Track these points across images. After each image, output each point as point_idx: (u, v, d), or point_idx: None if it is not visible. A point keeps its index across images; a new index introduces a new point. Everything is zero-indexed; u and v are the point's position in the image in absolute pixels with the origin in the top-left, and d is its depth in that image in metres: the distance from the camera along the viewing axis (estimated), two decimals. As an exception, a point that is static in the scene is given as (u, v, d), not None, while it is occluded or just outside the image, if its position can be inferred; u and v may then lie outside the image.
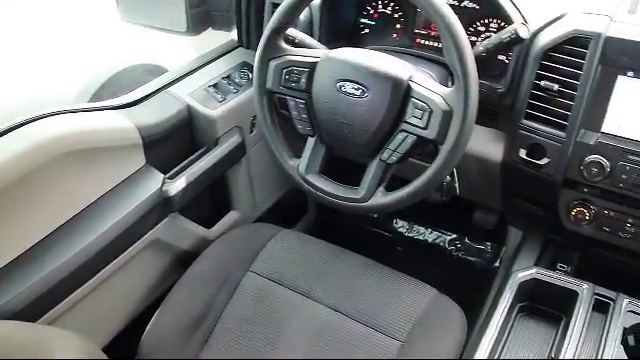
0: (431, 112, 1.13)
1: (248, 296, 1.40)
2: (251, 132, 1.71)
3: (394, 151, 1.19)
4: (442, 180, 1.20)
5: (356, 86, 1.19)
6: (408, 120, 1.16)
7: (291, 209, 2.11)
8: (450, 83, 1.32)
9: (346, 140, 1.23)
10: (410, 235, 2.25)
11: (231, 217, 1.78)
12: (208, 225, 1.69)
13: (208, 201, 1.77)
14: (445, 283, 1.51)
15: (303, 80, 1.26)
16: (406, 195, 1.20)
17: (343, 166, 1.43)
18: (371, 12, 1.59)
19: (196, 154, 1.59)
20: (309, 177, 1.30)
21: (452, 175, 1.39)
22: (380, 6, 1.58)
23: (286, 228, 1.59)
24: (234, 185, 1.75)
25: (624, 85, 1.22)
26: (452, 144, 1.12)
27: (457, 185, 1.42)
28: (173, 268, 1.58)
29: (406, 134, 1.17)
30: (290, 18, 1.25)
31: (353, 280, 1.41)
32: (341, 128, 1.22)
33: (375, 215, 2.28)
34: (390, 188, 1.25)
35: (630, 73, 1.21)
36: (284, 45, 1.29)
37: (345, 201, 1.26)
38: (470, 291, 1.70)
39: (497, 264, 2.07)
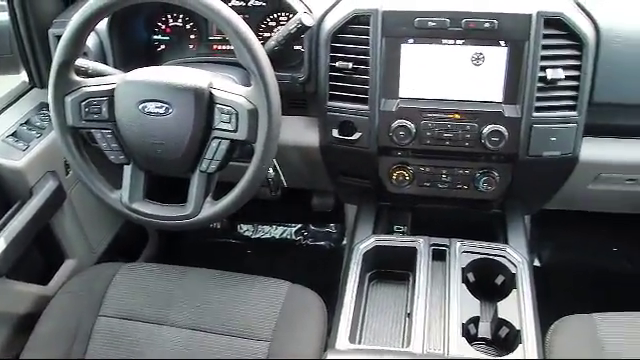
0: (237, 114, 1.15)
1: (104, 342, 1.33)
2: (67, 174, 1.62)
3: (212, 160, 1.19)
4: (264, 176, 1.22)
5: (159, 104, 1.17)
6: (218, 127, 1.17)
7: (131, 242, 2.04)
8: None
9: (162, 160, 1.21)
10: (257, 236, 2.27)
11: (67, 267, 1.68)
12: (43, 281, 1.58)
13: (38, 256, 1.65)
14: (301, 273, 1.54)
15: (104, 109, 1.22)
16: (234, 199, 1.21)
17: (172, 185, 1.40)
18: (163, 28, 1.58)
19: (10, 211, 1.47)
20: (134, 205, 1.27)
21: (275, 169, 1.42)
22: (170, 20, 1.57)
23: (131, 262, 1.53)
24: (62, 232, 1.65)
25: (409, 52, 1.33)
26: (264, 140, 1.15)
27: (283, 178, 1.45)
28: (14, 338, 1.46)
29: (219, 140, 1.18)
30: (75, 49, 1.20)
31: (205, 295, 1.39)
32: (154, 149, 1.20)
33: (218, 226, 2.27)
34: (219, 196, 1.25)
35: (411, 40, 1.32)
36: (76, 78, 1.23)
37: (176, 220, 1.25)
38: (325, 274, 1.76)
39: (344, 242, 2.15)
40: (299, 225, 2.26)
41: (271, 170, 1.40)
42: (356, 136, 1.38)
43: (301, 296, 1.40)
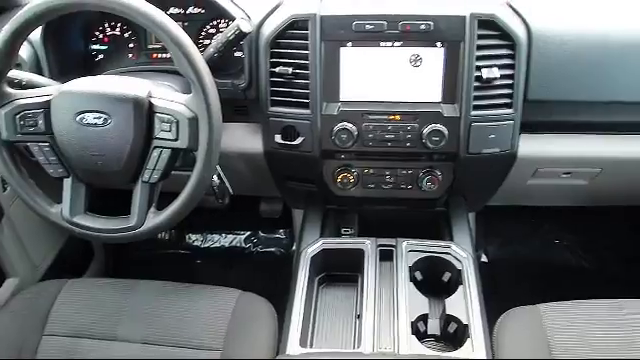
0: (178, 122, 1.14)
1: (51, 362, 1.30)
2: (4, 190, 1.58)
3: (154, 170, 1.18)
4: (208, 184, 1.21)
5: (97, 115, 1.15)
6: (158, 136, 1.16)
7: (76, 257, 1.99)
8: None
9: (102, 172, 1.19)
10: (206, 246, 2.25)
11: (9, 286, 1.63)
12: (-16, 302, 1.53)
13: (-23, 276, 1.60)
14: (252, 281, 1.54)
15: (40, 122, 1.19)
16: (178, 208, 1.20)
17: (115, 197, 1.38)
18: (100, 37, 1.55)
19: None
20: (76, 219, 1.24)
21: (220, 177, 1.41)
22: (108, 29, 1.54)
23: (78, 277, 1.50)
24: (1, 250, 1.60)
25: (348, 55, 1.34)
26: (206, 148, 1.14)
27: (228, 185, 1.44)
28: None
29: (160, 150, 1.16)
30: (7, 61, 1.16)
31: (154, 308, 1.37)
32: (94, 161, 1.18)
33: (166, 237, 2.25)
34: (163, 206, 1.23)
35: (349, 44, 1.33)
36: (10, 90, 1.20)
37: (119, 232, 1.22)
38: (277, 280, 1.75)
39: (294, 247, 2.15)
40: (248, 232, 2.25)
41: (216, 178, 1.39)
42: (299, 141, 1.39)
43: (251, 303, 1.39)
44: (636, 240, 2.20)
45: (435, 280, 1.41)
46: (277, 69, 1.35)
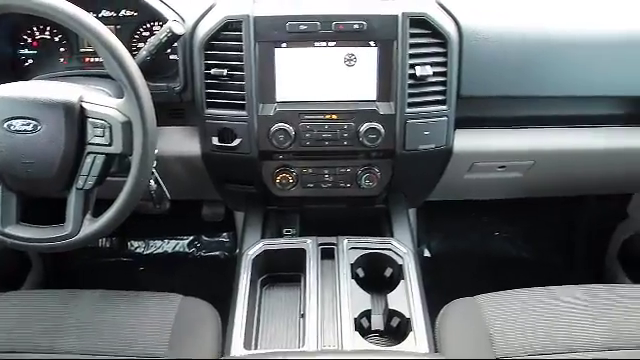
0: (111, 127, 1.12)
1: (-17, 381, 1.26)
2: None
3: (88, 176, 1.16)
4: (144, 189, 1.20)
5: (26, 121, 1.12)
6: (91, 141, 1.14)
7: (12, 269, 1.93)
8: None
9: (34, 180, 1.16)
10: (149, 252, 2.22)
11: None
12: None
13: None
14: (196, 285, 1.52)
15: None
16: (114, 215, 1.17)
17: (49, 205, 1.34)
18: (29, 41, 1.50)
19: None
20: (8, 230, 1.20)
21: (157, 182, 1.39)
22: (37, 33, 1.50)
23: (14, 290, 1.45)
24: None
25: (283, 56, 1.34)
26: (140, 152, 1.12)
27: (166, 190, 1.42)
28: None
29: (94, 155, 1.15)
30: None
31: (95, 317, 1.34)
32: (24, 169, 1.15)
33: (107, 245, 2.20)
34: (100, 213, 1.21)
35: (284, 44, 1.33)
36: None
37: (54, 241, 1.20)
38: (221, 284, 1.74)
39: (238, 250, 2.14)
40: (191, 237, 2.23)
41: (153, 183, 1.37)
42: (236, 142, 1.38)
43: (194, 308, 1.38)
44: (571, 229, 2.28)
45: (377, 276, 1.42)
46: (212, 71, 1.34)
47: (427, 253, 2.24)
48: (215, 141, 1.39)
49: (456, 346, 1.27)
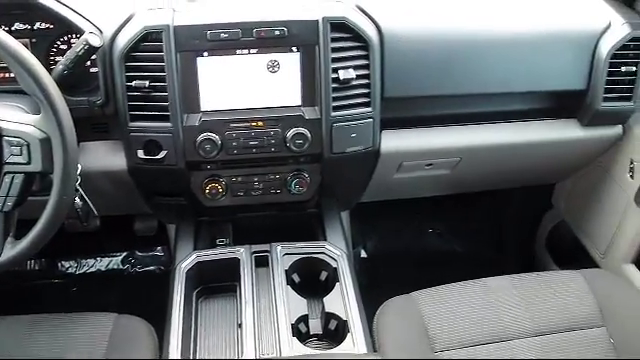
0: (29, 145, 1.08)
1: None
2: None
3: (7, 197, 1.11)
4: (67, 208, 1.16)
5: None
6: (8, 160, 1.10)
7: None
8: None
9: (-53, 203, 1.11)
10: (81, 272, 2.15)
11: None
12: None
13: None
14: (132, 302, 1.49)
15: None
16: (37, 235, 1.13)
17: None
18: None
19: None
20: None
21: (83, 198, 1.36)
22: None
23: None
24: None
25: (205, 65, 1.33)
26: (61, 169, 1.09)
27: (92, 207, 1.38)
28: None
29: (12, 175, 1.10)
30: None
31: (25, 344, 1.29)
32: None
33: (36, 267, 2.12)
34: (22, 234, 1.17)
35: (206, 53, 1.32)
36: None
37: None
38: (158, 299, 1.70)
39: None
40: (125, 253, 2.18)
41: (78, 200, 1.33)
42: (162, 154, 1.36)
43: (128, 326, 1.34)
44: (501, 222, 2.35)
45: (313, 280, 1.43)
46: (134, 83, 1.31)
47: (364, 254, 2.26)
48: (141, 154, 1.36)
49: (394, 344, 1.28)
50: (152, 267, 2.15)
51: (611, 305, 1.35)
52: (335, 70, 1.35)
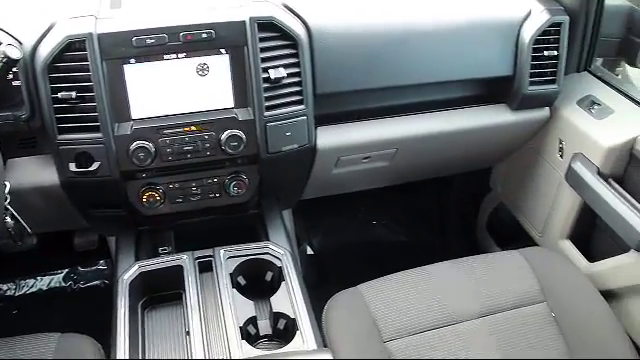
0: None
1: None
2: None
3: None
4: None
5: None
6: None
7: None
8: None
9: None
10: (21, 293, 2.08)
11: None
12: None
13: None
14: (78, 319, 1.45)
15: None
16: None
17: None
18: None
19: None
20: None
21: (14, 217, 1.31)
22: None
23: None
24: None
25: (133, 72, 1.30)
26: None
27: (25, 225, 1.34)
28: None
29: None
30: None
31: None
32: None
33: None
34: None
35: (133, 60, 1.30)
36: None
37: None
38: (104, 313, 1.67)
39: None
40: (67, 270, 2.12)
41: (9, 219, 1.29)
42: (95, 166, 1.32)
43: (72, 345, 1.30)
44: (442, 208, 2.40)
45: (259, 282, 1.43)
46: (60, 94, 1.27)
47: (310, 251, 2.27)
48: (73, 167, 1.32)
49: (344, 338, 1.29)
50: (96, 282, 2.11)
51: (550, 281, 1.40)
52: (265, 70, 1.35)
